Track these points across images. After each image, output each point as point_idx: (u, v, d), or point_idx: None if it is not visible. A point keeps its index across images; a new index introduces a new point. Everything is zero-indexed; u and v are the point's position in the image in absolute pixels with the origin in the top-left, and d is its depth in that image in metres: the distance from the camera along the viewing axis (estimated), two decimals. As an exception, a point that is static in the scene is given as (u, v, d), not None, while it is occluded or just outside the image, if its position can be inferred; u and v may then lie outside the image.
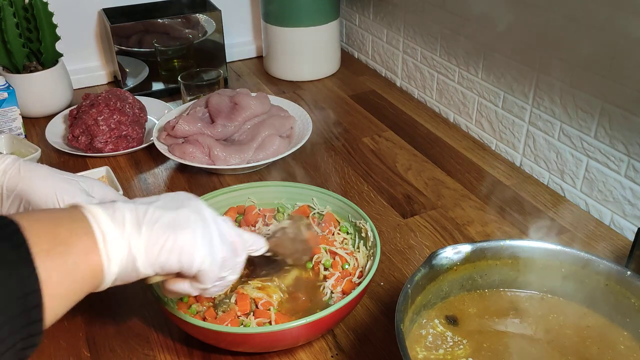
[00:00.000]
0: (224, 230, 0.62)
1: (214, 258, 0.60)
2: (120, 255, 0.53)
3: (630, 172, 0.93)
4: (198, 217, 0.59)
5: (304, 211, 0.88)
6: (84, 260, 0.50)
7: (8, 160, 0.73)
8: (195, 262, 0.58)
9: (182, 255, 0.57)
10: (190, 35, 1.44)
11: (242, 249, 0.65)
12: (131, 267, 0.54)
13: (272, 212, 0.89)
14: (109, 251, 0.52)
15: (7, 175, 0.72)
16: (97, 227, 0.52)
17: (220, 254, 0.60)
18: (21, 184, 0.71)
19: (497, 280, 0.74)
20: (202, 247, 0.58)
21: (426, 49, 1.34)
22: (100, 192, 0.76)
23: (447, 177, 1.12)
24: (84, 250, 0.50)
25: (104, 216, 0.53)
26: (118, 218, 0.54)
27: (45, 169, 0.74)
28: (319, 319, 0.69)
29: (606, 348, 0.67)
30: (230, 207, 0.90)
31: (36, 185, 0.71)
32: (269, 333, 0.69)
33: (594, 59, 0.94)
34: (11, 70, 1.30)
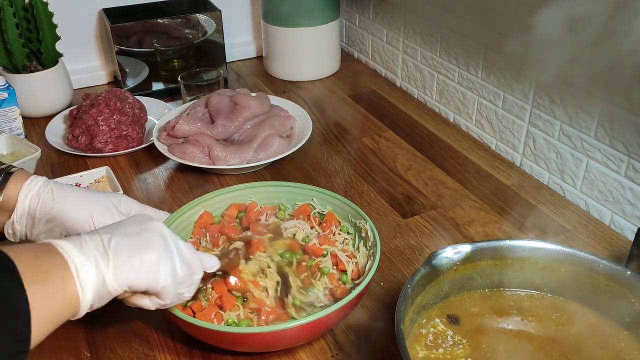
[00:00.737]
0: (182, 250, 0.66)
1: (175, 276, 0.63)
2: (92, 282, 0.56)
3: (630, 172, 0.93)
4: (159, 239, 0.63)
5: (304, 210, 0.88)
6: (62, 288, 0.54)
7: (40, 183, 0.75)
8: (160, 281, 0.62)
9: (149, 274, 0.61)
10: (190, 35, 1.44)
11: (198, 268, 0.68)
12: (103, 291, 0.58)
13: (274, 209, 0.90)
14: (81, 280, 0.56)
15: (40, 199, 0.74)
16: (70, 260, 0.56)
17: (181, 273, 0.64)
18: (55, 209, 0.75)
19: (497, 280, 0.74)
20: (165, 266, 0.62)
21: (426, 49, 1.34)
22: (127, 206, 0.81)
23: (447, 177, 1.12)
24: (61, 279, 0.54)
25: (74, 250, 0.57)
26: (86, 250, 0.57)
27: (76, 192, 0.77)
28: (319, 318, 0.69)
29: (606, 347, 0.67)
30: (231, 204, 0.90)
31: (71, 209, 0.75)
32: (269, 333, 0.69)
33: (594, 58, 0.94)
34: (11, 70, 1.30)
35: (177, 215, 0.86)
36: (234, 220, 0.89)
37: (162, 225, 0.65)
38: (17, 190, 0.74)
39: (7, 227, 0.75)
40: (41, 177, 0.76)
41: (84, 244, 0.58)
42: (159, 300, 0.64)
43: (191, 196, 1.05)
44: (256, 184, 0.92)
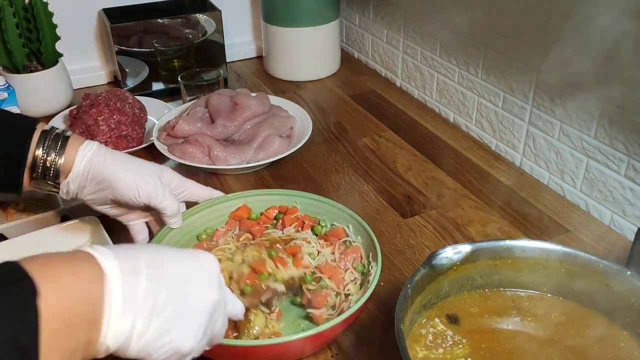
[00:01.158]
0: (221, 315, 0.58)
1: (202, 343, 0.55)
2: (115, 347, 0.49)
3: (630, 172, 0.93)
4: (205, 309, 0.55)
5: (337, 234, 0.85)
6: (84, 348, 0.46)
7: (94, 148, 0.80)
8: (184, 354, 0.53)
9: (174, 354, 0.52)
10: (190, 35, 1.44)
11: (224, 330, 0.60)
12: (123, 348, 0.49)
13: (313, 222, 0.87)
14: (108, 342, 0.48)
15: (92, 163, 0.79)
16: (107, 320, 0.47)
17: (209, 337, 0.56)
18: (106, 172, 0.79)
19: (497, 280, 0.74)
20: (194, 339, 0.54)
21: (426, 49, 1.34)
22: (168, 178, 0.85)
23: (447, 177, 1.12)
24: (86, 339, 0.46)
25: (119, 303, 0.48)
26: (130, 302, 0.48)
27: (125, 159, 0.82)
28: (323, 330, 0.68)
29: (606, 347, 0.67)
30: (272, 205, 0.90)
31: (119, 174, 0.80)
32: (274, 345, 0.68)
33: (594, 58, 0.94)
34: (11, 70, 1.30)
35: (214, 202, 0.89)
36: (271, 221, 0.89)
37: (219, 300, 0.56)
38: (74, 153, 0.78)
39: (62, 187, 0.80)
40: (94, 141, 0.81)
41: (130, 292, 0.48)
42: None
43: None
44: (304, 194, 0.90)
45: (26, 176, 0.78)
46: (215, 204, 0.90)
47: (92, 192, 0.81)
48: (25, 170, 0.77)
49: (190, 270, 0.55)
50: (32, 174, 0.78)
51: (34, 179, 0.78)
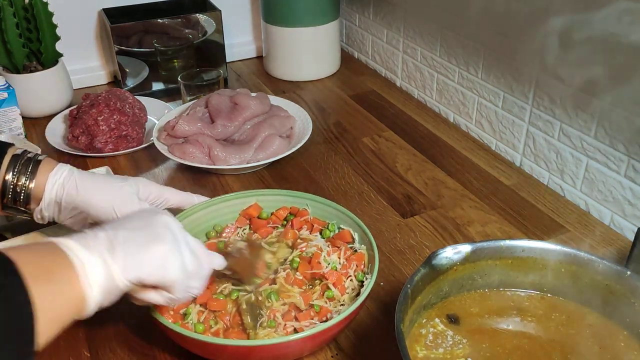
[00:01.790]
0: (191, 243, 0.65)
1: (185, 270, 0.63)
2: (99, 280, 0.55)
3: (630, 172, 0.93)
4: (168, 232, 0.62)
5: (344, 237, 0.84)
6: (69, 287, 0.53)
7: (65, 173, 0.78)
8: (170, 275, 0.61)
9: (158, 270, 0.60)
10: (190, 35, 1.44)
11: (207, 263, 0.67)
12: (112, 287, 0.57)
13: (322, 225, 0.86)
14: (89, 278, 0.54)
15: (65, 190, 0.77)
16: (76, 258, 0.54)
17: (190, 266, 0.63)
18: (79, 198, 0.77)
19: (497, 280, 0.74)
20: (174, 260, 0.61)
21: (426, 49, 1.34)
22: (146, 191, 0.83)
23: (447, 177, 1.12)
24: (67, 278, 0.53)
25: (79, 247, 0.55)
26: (92, 246, 0.57)
27: (99, 182, 0.80)
28: (323, 329, 0.68)
29: (606, 347, 0.67)
30: (283, 206, 0.90)
31: (94, 199, 0.78)
32: (273, 345, 0.68)
33: (594, 58, 0.94)
34: (11, 70, 1.30)
35: (226, 199, 0.89)
36: (281, 221, 0.89)
37: (169, 218, 0.64)
38: (44, 179, 0.77)
39: (36, 213, 0.79)
40: (66, 165, 0.79)
41: (90, 240, 0.57)
42: (170, 294, 0.63)
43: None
44: (315, 197, 0.89)
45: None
46: (226, 200, 0.90)
47: (69, 217, 0.80)
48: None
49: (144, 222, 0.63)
50: (3, 200, 0.76)
51: (4, 204, 0.76)
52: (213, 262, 0.69)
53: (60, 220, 0.80)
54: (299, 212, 0.89)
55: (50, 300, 0.51)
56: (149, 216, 0.64)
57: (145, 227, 0.62)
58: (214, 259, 0.70)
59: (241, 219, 0.90)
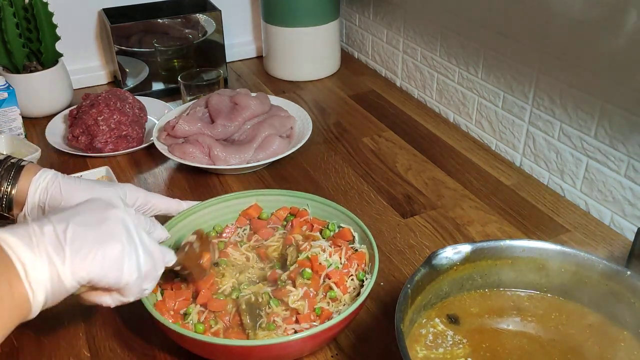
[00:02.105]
0: (146, 242, 0.62)
1: (140, 271, 0.60)
2: (44, 283, 0.52)
3: (630, 172, 0.93)
4: (123, 229, 0.59)
5: (344, 235, 0.84)
6: (9, 292, 0.50)
7: (49, 177, 0.76)
8: (124, 277, 0.58)
9: (111, 272, 0.57)
10: (190, 35, 1.44)
11: (160, 262, 0.65)
12: (58, 288, 0.54)
13: (322, 225, 0.86)
14: (31, 282, 0.51)
15: (49, 194, 0.76)
16: (17, 259, 0.51)
17: (145, 267, 0.61)
18: (63, 203, 0.75)
19: (497, 280, 0.74)
20: (130, 262, 0.58)
21: (426, 49, 1.34)
22: (132, 197, 0.81)
23: (447, 177, 1.12)
24: (7, 282, 0.50)
25: (21, 245, 0.52)
26: (37, 244, 0.53)
27: (83, 186, 0.78)
28: (323, 329, 0.68)
29: (607, 347, 0.67)
30: (283, 206, 0.90)
31: None
32: (273, 345, 0.68)
33: (594, 58, 0.94)
34: (11, 70, 1.30)
35: (226, 199, 0.89)
36: (281, 222, 0.89)
37: (123, 214, 0.60)
38: (27, 184, 0.76)
39: (19, 219, 0.78)
40: (50, 170, 0.78)
41: (34, 237, 0.53)
42: (121, 297, 0.60)
43: (191, 196, 1.05)
44: (315, 197, 0.89)
45: None
46: (226, 200, 0.90)
47: None
48: None
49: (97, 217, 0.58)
50: None
51: None
52: (166, 259, 0.67)
53: None
54: (299, 213, 0.89)
55: None
56: (102, 210, 0.59)
57: (98, 223, 0.57)
58: (167, 255, 0.68)
59: (241, 219, 0.90)
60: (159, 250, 0.65)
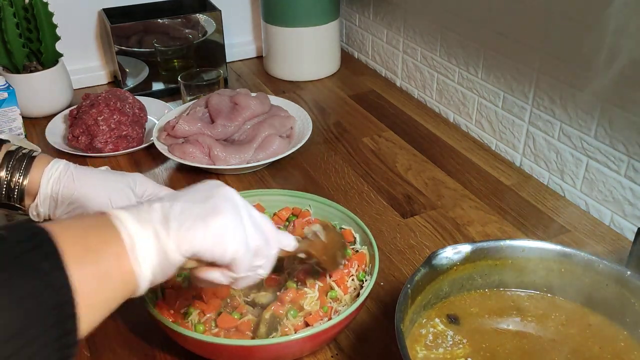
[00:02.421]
0: (256, 217, 0.61)
1: (248, 246, 0.58)
2: (151, 257, 0.52)
3: (630, 172, 0.93)
4: (229, 205, 0.58)
5: (346, 236, 0.84)
6: (116, 267, 0.49)
7: (61, 167, 0.76)
8: (229, 250, 0.56)
9: (216, 244, 0.55)
10: (190, 35, 1.44)
11: (274, 240, 0.63)
12: (165, 262, 0.53)
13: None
14: (138, 256, 0.50)
15: (61, 184, 0.76)
16: (125, 232, 0.51)
17: (254, 242, 0.59)
18: (76, 193, 0.76)
19: (497, 280, 0.74)
20: (235, 234, 0.56)
21: (426, 49, 1.34)
22: (142, 188, 0.81)
23: (447, 177, 1.12)
24: (115, 257, 0.49)
25: (131, 219, 0.52)
26: (145, 218, 0.52)
27: (95, 175, 0.78)
28: (323, 329, 0.68)
29: (607, 347, 0.67)
30: (285, 207, 0.90)
31: (91, 193, 0.76)
32: (273, 345, 0.68)
33: (594, 58, 0.94)
34: (11, 70, 1.30)
35: None
36: (283, 222, 0.88)
37: (233, 191, 0.60)
38: (39, 175, 0.76)
39: (31, 210, 0.77)
40: (61, 160, 0.78)
41: (143, 213, 0.53)
42: (231, 272, 0.58)
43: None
44: (317, 198, 0.89)
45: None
46: None
47: (66, 213, 0.77)
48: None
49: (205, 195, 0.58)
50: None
51: None
52: (282, 241, 0.65)
53: (56, 215, 0.78)
54: (302, 213, 0.88)
55: (94, 284, 0.47)
56: (210, 188, 0.59)
57: (205, 200, 0.57)
58: (283, 238, 0.65)
59: None
60: (272, 229, 0.63)
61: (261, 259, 0.60)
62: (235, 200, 0.59)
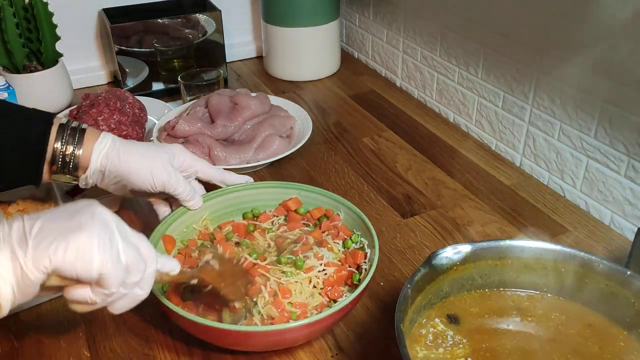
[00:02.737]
0: (129, 234, 0.60)
1: (118, 260, 0.57)
2: (8, 275, 0.52)
3: (630, 172, 0.93)
4: (94, 221, 0.56)
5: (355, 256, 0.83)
6: None
7: (109, 143, 0.80)
8: (95, 264, 0.54)
9: (78, 259, 0.54)
10: (190, 35, 1.44)
11: (151, 259, 0.61)
12: (23, 282, 0.53)
13: (347, 235, 0.86)
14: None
15: (109, 159, 0.80)
16: None
17: (124, 257, 0.57)
18: (122, 168, 0.80)
19: (497, 280, 0.74)
20: (100, 248, 0.55)
21: (426, 49, 1.34)
22: (180, 159, 0.87)
23: (447, 177, 1.12)
24: None
25: None
26: (2, 240, 0.53)
27: (140, 150, 0.82)
28: (319, 319, 0.69)
29: (607, 347, 0.67)
30: (320, 206, 0.90)
31: (134, 168, 0.81)
32: (269, 332, 0.69)
33: (594, 58, 0.94)
34: (11, 70, 1.30)
35: (268, 185, 0.93)
36: (314, 221, 0.89)
37: (103, 209, 0.58)
38: (90, 148, 0.79)
39: (81, 180, 0.81)
40: (109, 135, 0.82)
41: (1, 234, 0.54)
42: (102, 289, 0.56)
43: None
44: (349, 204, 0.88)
45: (45, 169, 0.79)
46: (270, 187, 0.92)
47: (111, 184, 0.83)
48: (44, 163, 0.78)
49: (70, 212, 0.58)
50: (52, 167, 0.78)
51: (54, 172, 0.79)
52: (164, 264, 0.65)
53: (103, 185, 0.83)
54: (332, 217, 0.89)
55: None
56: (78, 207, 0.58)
57: (69, 217, 0.56)
58: (165, 260, 0.66)
59: (280, 209, 0.92)
60: (148, 247, 0.62)
61: (136, 274, 0.59)
62: (104, 216, 0.58)
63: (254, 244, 0.85)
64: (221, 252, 0.82)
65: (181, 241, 0.87)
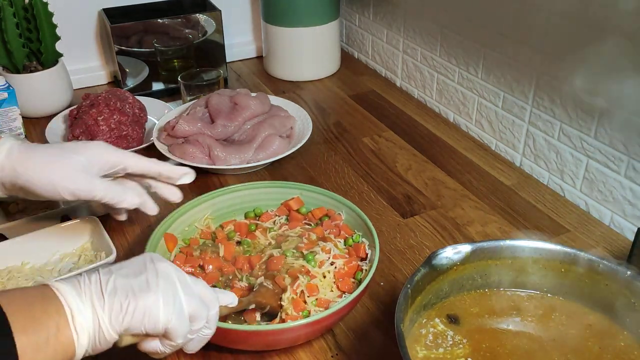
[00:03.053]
0: (189, 284, 0.62)
1: (181, 314, 0.60)
2: (88, 327, 0.55)
3: (630, 172, 0.93)
4: (158, 279, 0.60)
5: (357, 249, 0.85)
6: (56, 336, 0.53)
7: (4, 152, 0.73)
8: (160, 322, 0.58)
9: (145, 318, 0.57)
10: (190, 35, 1.44)
11: (212, 301, 0.64)
12: (101, 337, 0.56)
13: (348, 234, 0.87)
14: (77, 326, 0.54)
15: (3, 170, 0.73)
16: (66, 304, 0.55)
17: (188, 308, 0.60)
18: (20, 180, 0.74)
19: (497, 280, 0.74)
20: (165, 306, 0.58)
21: (426, 49, 1.34)
22: (100, 161, 0.78)
23: (447, 177, 1.12)
24: (55, 326, 0.53)
25: (71, 292, 0.56)
26: (84, 292, 0.56)
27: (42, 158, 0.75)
28: (319, 318, 0.69)
29: (607, 347, 0.67)
30: (322, 206, 0.91)
31: (35, 179, 0.74)
32: (269, 331, 0.70)
33: (594, 58, 0.94)
34: (11, 70, 1.30)
35: (270, 185, 0.93)
36: (316, 220, 0.89)
37: (164, 264, 0.62)
38: None
39: None
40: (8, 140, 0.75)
41: (83, 285, 0.57)
42: (169, 341, 0.60)
43: (190, 196, 1.05)
44: (350, 204, 0.88)
45: None
46: (272, 186, 0.93)
47: (20, 196, 0.77)
48: None
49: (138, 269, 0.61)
50: None
51: None
52: (222, 300, 0.67)
53: (13, 196, 0.77)
54: (334, 216, 0.89)
55: (36, 351, 0.51)
56: (146, 262, 0.61)
57: (138, 274, 0.59)
58: (224, 296, 0.68)
59: (282, 209, 0.92)
60: (207, 291, 0.64)
61: (200, 321, 0.62)
62: (167, 272, 0.61)
63: (255, 243, 0.86)
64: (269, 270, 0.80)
65: (183, 240, 0.87)
